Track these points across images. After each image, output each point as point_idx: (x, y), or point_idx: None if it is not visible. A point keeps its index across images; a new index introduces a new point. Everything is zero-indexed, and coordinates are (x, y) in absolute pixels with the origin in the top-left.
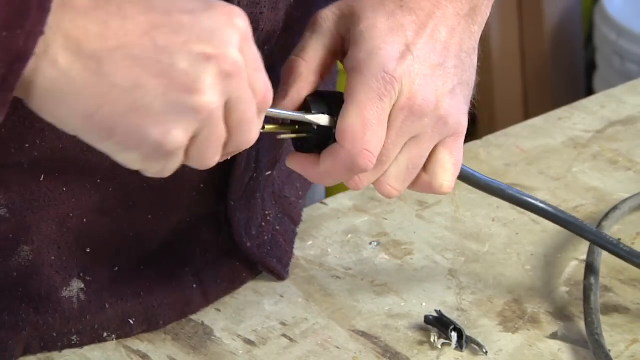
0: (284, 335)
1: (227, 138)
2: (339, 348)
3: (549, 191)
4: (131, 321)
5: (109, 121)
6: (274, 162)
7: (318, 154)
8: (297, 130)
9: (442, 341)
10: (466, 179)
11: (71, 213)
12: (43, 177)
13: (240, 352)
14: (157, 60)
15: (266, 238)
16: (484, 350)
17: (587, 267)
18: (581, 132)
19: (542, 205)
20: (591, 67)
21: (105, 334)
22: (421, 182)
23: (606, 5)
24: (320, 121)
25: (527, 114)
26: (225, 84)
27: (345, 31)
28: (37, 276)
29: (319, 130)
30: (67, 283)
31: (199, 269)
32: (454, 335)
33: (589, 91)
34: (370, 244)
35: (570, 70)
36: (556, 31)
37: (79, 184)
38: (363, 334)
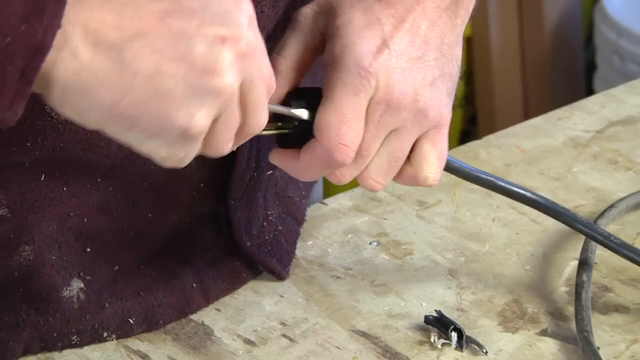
0: (284, 335)
1: (242, 122)
2: (339, 348)
3: (549, 191)
4: (131, 321)
5: (134, 109)
6: None
7: (299, 149)
8: (278, 126)
9: (442, 341)
10: (456, 171)
11: (72, 212)
12: (44, 177)
13: (240, 352)
14: (175, 45)
15: (267, 238)
16: (484, 350)
17: (580, 265)
18: (581, 132)
19: (532, 196)
20: (591, 67)
21: (105, 334)
22: (406, 175)
23: (606, 5)
24: (301, 116)
25: (527, 114)
26: (242, 65)
27: (324, 27)
28: (38, 276)
29: (299, 126)
30: (67, 283)
31: (199, 268)
32: (454, 335)
33: (589, 91)
34: (370, 244)
35: (570, 70)
36: (556, 31)
37: (80, 183)
38: (363, 334)
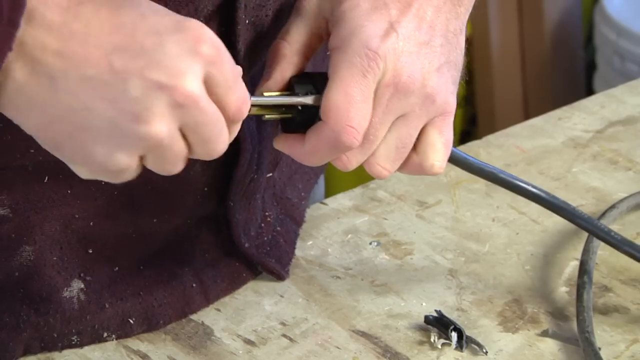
0: (284, 335)
1: (190, 151)
2: (339, 348)
3: (548, 191)
4: (131, 321)
5: (59, 137)
6: (274, 164)
7: (304, 133)
8: (282, 111)
9: (442, 341)
10: (459, 162)
11: (77, 215)
12: (47, 179)
13: (240, 352)
14: (110, 84)
15: (265, 239)
16: (484, 350)
17: (581, 265)
18: (581, 132)
19: (534, 190)
20: (591, 67)
21: (105, 334)
22: (412, 163)
23: (606, 5)
24: (305, 101)
25: (527, 114)
26: (178, 114)
27: (329, 12)
28: (38, 276)
29: (303, 109)
30: (67, 283)
31: (198, 269)
32: (454, 335)
33: (589, 91)
34: (370, 244)
35: (570, 70)
36: (556, 31)
37: (84, 186)
38: (363, 334)
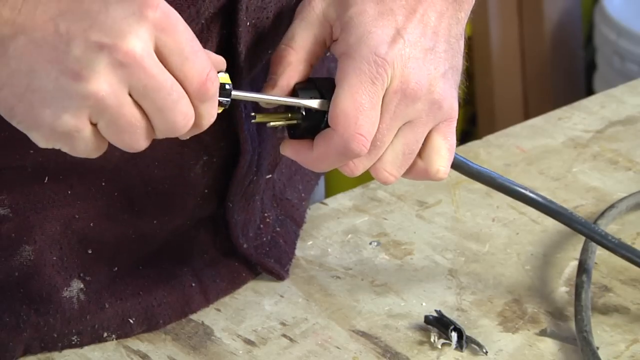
0: (284, 335)
1: (149, 124)
2: (339, 348)
3: (549, 191)
4: (131, 321)
5: (10, 102)
6: (273, 165)
7: (311, 139)
8: (288, 117)
9: (442, 341)
10: (457, 167)
11: (77, 215)
12: (47, 179)
13: (240, 352)
14: (54, 45)
15: (264, 239)
16: (484, 350)
17: (580, 265)
18: (581, 132)
19: (532, 195)
20: (591, 67)
21: (105, 334)
22: (417, 169)
23: (606, 5)
24: (312, 105)
25: (527, 114)
26: (120, 74)
27: (334, 18)
28: (38, 276)
29: (310, 115)
30: (67, 283)
31: (197, 269)
32: (454, 335)
33: (589, 91)
34: (370, 244)
35: (570, 70)
36: (556, 31)
37: (84, 187)
38: (363, 334)
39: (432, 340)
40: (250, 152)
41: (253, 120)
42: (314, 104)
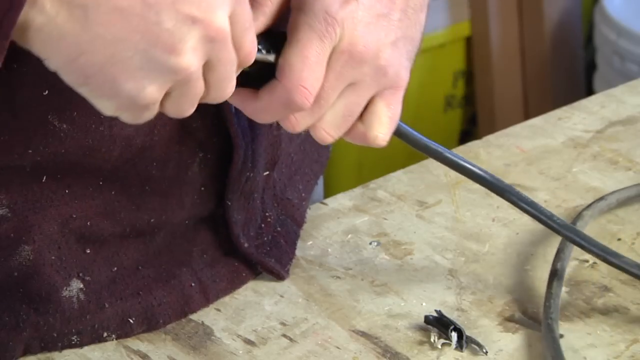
0: (284, 335)
1: (205, 93)
2: (339, 348)
3: (549, 191)
4: (131, 320)
5: (87, 69)
6: (272, 163)
7: (257, 90)
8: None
9: (442, 341)
10: (404, 136)
11: (74, 214)
12: (45, 179)
13: (240, 352)
14: (143, 16)
15: (265, 239)
16: (484, 350)
17: (557, 254)
18: (581, 132)
19: (479, 171)
20: (591, 67)
21: (105, 334)
22: (356, 132)
23: (606, 5)
24: (268, 58)
25: (527, 114)
26: (208, 48)
27: None
28: (38, 276)
29: (261, 66)
30: (67, 283)
31: (197, 268)
32: (454, 335)
33: (589, 91)
34: (370, 244)
35: (570, 70)
36: (556, 31)
37: (82, 186)
38: (363, 334)
39: (432, 340)
40: (243, 147)
41: None
42: (270, 58)
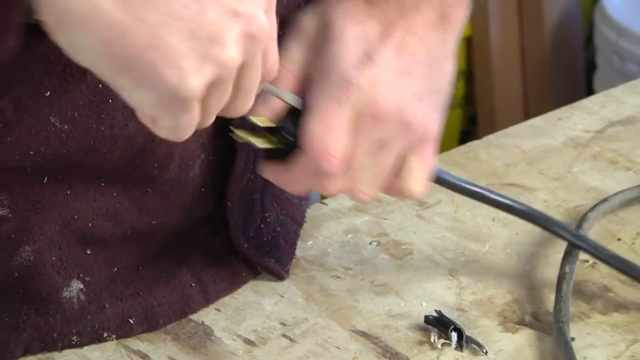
0: (284, 335)
1: (228, 101)
2: (339, 348)
3: (549, 191)
4: (131, 321)
5: (129, 53)
6: None
7: (285, 161)
8: (274, 141)
9: (442, 341)
10: (444, 182)
11: (76, 215)
12: (46, 180)
13: (240, 352)
14: (184, 3)
15: (265, 239)
16: (484, 350)
17: (565, 256)
18: (581, 132)
19: (522, 207)
20: (591, 67)
21: (106, 334)
22: (393, 187)
23: (606, 5)
24: (296, 105)
25: (527, 114)
26: (248, 45)
27: (319, 35)
28: (38, 276)
29: (284, 139)
30: (67, 283)
31: (197, 269)
32: (454, 335)
33: (589, 91)
34: (370, 244)
35: (570, 70)
36: (556, 31)
37: (83, 187)
38: (363, 334)
39: (432, 340)
40: (246, 150)
41: (230, 134)
42: (291, 130)
